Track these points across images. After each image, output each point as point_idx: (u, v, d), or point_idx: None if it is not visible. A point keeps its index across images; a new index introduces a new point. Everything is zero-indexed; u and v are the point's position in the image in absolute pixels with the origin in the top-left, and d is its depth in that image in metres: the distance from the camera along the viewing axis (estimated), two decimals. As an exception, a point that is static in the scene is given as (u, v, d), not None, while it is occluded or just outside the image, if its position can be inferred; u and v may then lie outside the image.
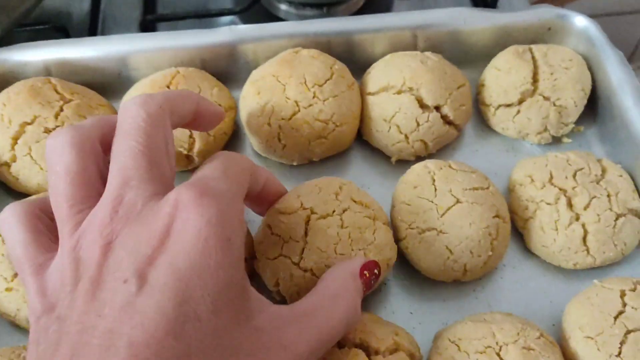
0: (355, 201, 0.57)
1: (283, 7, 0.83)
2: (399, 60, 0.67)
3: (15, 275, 0.53)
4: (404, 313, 0.58)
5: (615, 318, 0.51)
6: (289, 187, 0.62)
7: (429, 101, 0.63)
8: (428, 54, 0.68)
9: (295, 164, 0.66)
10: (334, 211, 0.56)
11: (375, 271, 0.49)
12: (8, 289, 0.53)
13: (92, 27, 0.86)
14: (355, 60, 0.71)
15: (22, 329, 0.55)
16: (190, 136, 0.63)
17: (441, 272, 0.57)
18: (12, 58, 0.67)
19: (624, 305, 0.52)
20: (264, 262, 0.57)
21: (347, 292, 0.45)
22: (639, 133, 0.63)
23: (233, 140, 0.69)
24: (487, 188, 0.58)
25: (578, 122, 0.68)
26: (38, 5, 0.76)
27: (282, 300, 0.57)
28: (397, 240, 0.59)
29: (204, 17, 0.87)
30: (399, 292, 0.60)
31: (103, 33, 0.86)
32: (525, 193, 0.61)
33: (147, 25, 0.84)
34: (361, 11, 0.86)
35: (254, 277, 0.58)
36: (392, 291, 0.60)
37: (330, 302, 0.44)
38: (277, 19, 0.84)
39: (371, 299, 0.59)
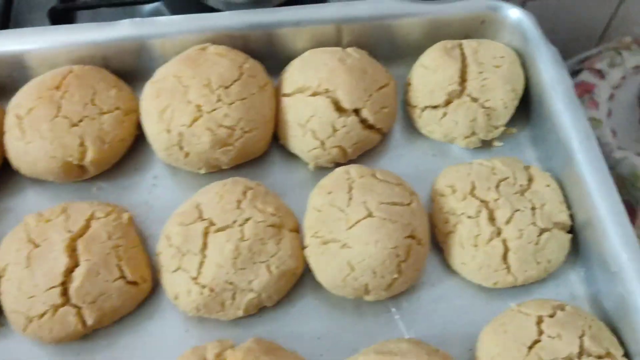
0: (258, 209, 0.53)
1: (212, -5, 0.77)
2: (317, 58, 0.61)
3: None
4: (312, 338, 0.54)
5: (530, 348, 0.47)
6: (197, 197, 0.57)
7: (347, 104, 0.58)
8: (350, 50, 0.63)
9: (203, 172, 0.60)
10: (234, 222, 0.52)
11: None
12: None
13: (5, 16, 0.79)
14: (276, 57, 0.66)
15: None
16: (81, 144, 0.57)
17: (341, 288, 0.53)
18: None
19: (540, 333, 0.48)
20: (164, 275, 0.53)
21: None
22: (569, 138, 0.58)
23: (137, 145, 0.63)
24: (409, 204, 0.53)
25: (510, 123, 0.64)
26: None
27: (184, 313, 0.53)
28: (303, 247, 0.54)
29: (124, 5, 0.80)
30: (308, 314, 0.55)
31: (17, 21, 0.79)
32: (446, 205, 0.56)
33: (58, 15, 0.77)
34: (294, 2, 0.80)
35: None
36: (299, 312, 0.55)
37: None
38: (205, 7, 0.78)
39: (277, 322, 0.54)
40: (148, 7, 0.81)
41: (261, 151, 0.62)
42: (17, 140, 0.57)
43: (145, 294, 0.54)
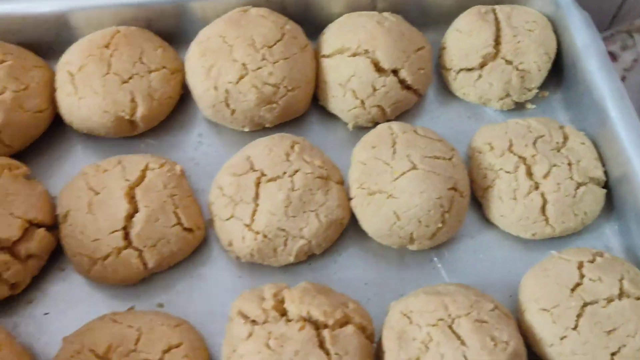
0: (306, 161, 0.55)
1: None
2: (355, 20, 0.64)
3: None
4: (359, 284, 0.56)
5: (572, 290, 0.50)
6: (241, 155, 0.59)
7: (386, 64, 0.60)
8: (386, 14, 0.65)
9: (247, 130, 0.62)
10: (284, 172, 0.54)
11: None
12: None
13: None
14: (311, 21, 0.68)
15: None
16: (132, 100, 0.59)
17: (387, 237, 0.55)
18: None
19: (582, 277, 0.50)
20: (217, 223, 0.55)
21: None
22: (603, 99, 0.60)
23: (182, 104, 0.65)
24: (450, 159, 0.56)
25: (542, 87, 0.66)
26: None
27: (239, 260, 0.55)
28: (349, 199, 0.57)
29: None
30: (354, 262, 0.58)
31: None
32: (484, 161, 0.59)
33: None
34: None
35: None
36: (346, 260, 0.58)
37: None
38: None
39: (324, 269, 0.57)
40: None
41: (302, 110, 0.64)
42: (70, 96, 0.59)
43: (199, 241, 0.56)
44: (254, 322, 0.48)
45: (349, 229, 0.58)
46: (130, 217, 0.53)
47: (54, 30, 0.65)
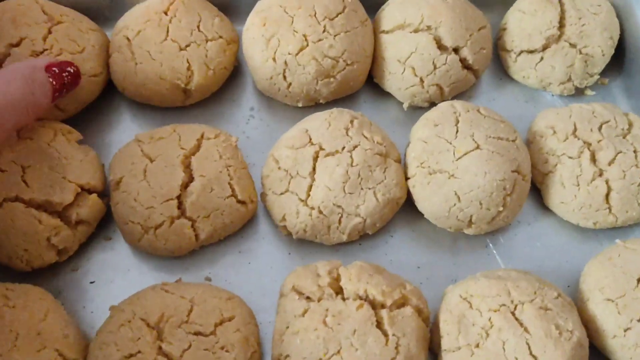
0: (366, 137, 0.54)
1: None
2: (418, -5, 0.62)
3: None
4: (411, 267, 0.55)
5: (639, 280, 0.48)
6: (293, 130, 0.58)
7: (448, 42, 0.59)
8: (448, -10, 0.63)
9: (300, 105, 0.61)
10: (343, 148, 0.53)
11: (69, 69, 0.53)
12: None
13: None
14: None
15: (3, 267, 0.52)
16: (188, 68, 0.58)
17: (445, 219, 0.54)
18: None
19: (648, 259, 0.49)
20: (271, 197, 0.54)
21: (22, 77, 0.48)
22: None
23: (233, 76, 0.64)
24: (514, 140, 0.54)
25: (602, 74, 0.64)
26: None
27: (289, 235, 0.54)
28: (406, 178, 0.55)
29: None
30: (406, 244, 0.56)
31: None
32: (546, 145, 0.57)
33: None
34: None
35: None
36: (399, 242, 0.56)
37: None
38: None
39: (377, 250, 0.56)
40: None
41: (357, 87, 0.62)
42: (127, 61, 0.58)
43: (251, 214, 0.55)
44: (308, 298, 0.47)
45: (401, 209, 0.56)
46: (185, 186, 0.52)
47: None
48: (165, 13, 0.59)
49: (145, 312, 0.46)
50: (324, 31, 0.58)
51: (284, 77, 0.58)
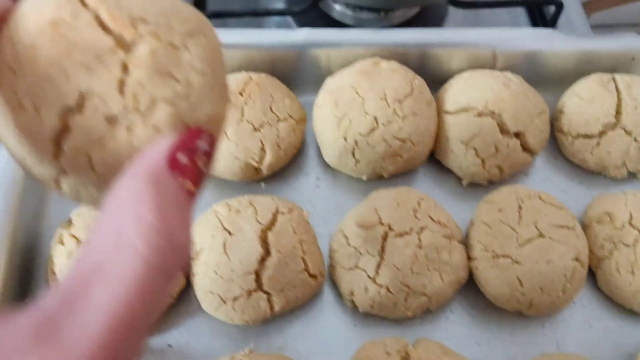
0: (433, 219, 0.57)
1: (338, 7, 0.81)
2: (481, 80, 0.65)
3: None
4: (471, 343, 0.57)
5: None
6: (357, 201, 0.62)
7: (511, 127, 0.62)
8: (509, 75, 0.66)
9: (364, 178, 0.64)
10: (411, 229, 0.56)
11: (200, 141, 0.27)
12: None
13: None
14: (429, 73, 0.69)
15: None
16: (262, 148, 0.61)
17: (506, 301, 0.56)
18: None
19: None
20: (339, 271, 0.57)
21: (123, 251, 0.23)
22: None
23: (300, 151, 0.68)
24: (573, 229, 0.57)
25: (657, 158, 0.67)
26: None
27: (355, 308, 0.57)
28: (469, 258, 0.58)
29: (262, 15, 0.84)
30: (466, 320, 0.59)
31: None
32: (602, 231, 0.60)
33: None
34: (416, 18, 0.84)
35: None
36: (458, 319, 0.59)
37: (90, 283, 0.22)
38: (332, 20, 0.82)
39: (438, 325, 0.58)
40: (273, 19, 0.86)
41: (420, 163, 0.65)
42: (204, 137, 0.61)
43: (320, 287, 0.58)
44: (379, 375, 0.50)
45: (462, 287, 0.59)
46: (262, 260, 0.55)
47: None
48: (241, 94, 0.63)
49: (226, 385, 0.49)
50: (393, 113, 0.61)
51: (353, 155, 0.62)
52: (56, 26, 0.26)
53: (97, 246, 0.23)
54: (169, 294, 0.24)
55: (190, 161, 0.26)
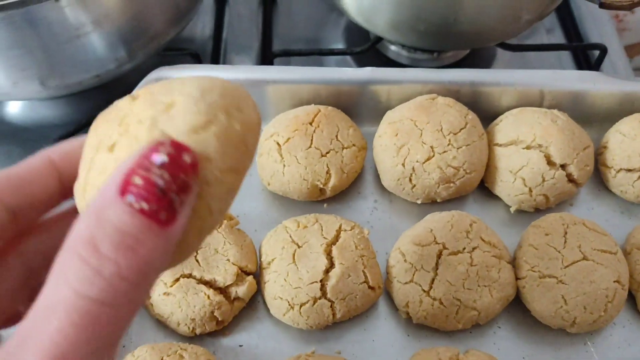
0: (484, 240, 0.62)
1: (394, 48, 0.89)
2: (530, 116, 0.71)
3: (175, 281, 0.59)
4: (517, 357, 0.62)
5: None
6: (411, 224, 0.67)
7: (557, 159, 0.67)
8: (556, 112, 0.72)
9: (419, 202, 0.70)
10: (464, 248, 0.61)
11: (159, 158, 0.24)
12: (166, 294, 0.60)
13: (215, 54, 0.93)
14: (480, 110, 0.75)
15: (171, 330, 0.62)
16: (327, 172, 0.68)
17: (550, 318, 0.61)
18: (173, 75, 0.74)
19: None
20: (395, 285, 0.62)
21: (58, 286, 0.23)
22: None
23: (359, 176, 0.74)
24: (615, 253, 0.61)
25: (695, 192, 0.71)
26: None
27: (408, 319, 0.63)
28: (517, 278, 0.63)
29: (326, 54, 0.92)
30: (512, 335, 0.63)
31: (225, 60, 0.93)
32: (642, 258, 0.64)
33: (268, 56, 0.90)
34: (467, 58, 0.90)
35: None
36: (505, 333, 0.64)
37: (38, 321, 0.23)
38: (387, 59, 0.90)
39: (486, 339, 0.63)
40: (334, 57, 0.93)
41: (471, 190, 0.71)
42: (276, 162, 0.68)
43: (378, 299, 0.64)
44: (432, 380, 0.55)
45: (509, 304, 0.64)
46: (327, 271, 0.61)
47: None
48: (310, 124, 0.70)
49: (296, 379, 0.55)
50: (448, 144, 0.67)
51: (410, 180, 0.68)
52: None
53: (43, 290, 0.24)
54: (121, 323, 0.24)
55: (145, 180, 0.24)
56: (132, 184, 0.23)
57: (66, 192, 0.31)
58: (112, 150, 0.27)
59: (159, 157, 0.24)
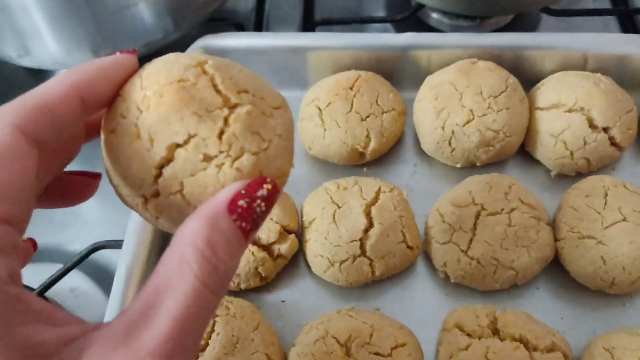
0: (522, 202, 0.63)
1: (435, 15, 0.88)
2: (572, 80, 0.70)
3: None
4: (555, 317, 0.62)
5: None
6: (450, 187, 0.68)
7: (599, 122, 0.67)
8: (600, 76, 0.71)
9: (459, 166, 0.71)
10: (502, 209, 0.62)
11: (262, 192, 0.33)
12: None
13: (258, 24, 0.95)
14: (522, 74, 0.75)
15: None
16: (367, 136, 0.69)
17: (589, 278, 0.61)
18: (218, 43, 0.77)
19: None
20: (434, 245, 0.63)
21: (196, 253, 0.31)
22: None
23: (399, 141, 0.75)
24: None
25: None
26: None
27: (446, 279, 0.64)
28: (556, 239, 0.63)
29: (367, 22, 0.93)
30: (551, 296, 0.64)
31: (267, 30, 0.95)
32: (684, 220, 0.63)
33: (309, 26, 0.92)
34: (510, 25, 0.90)
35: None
36: (543, 294, 0.64)
37: (161, 295, 0.30)
38: (429, 27, 0.90)
39: (524, 299, 0.64)
40: (375, 25, 0.94)
41: (511, 154, 0.71)
42: (317, 127, 0.70)
43: (416, 258, 0.65)
44: (469, 335, 0.57)
45: (548, 266, 0.64)
46: (366, 230, 0.62)
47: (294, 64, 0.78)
48: (351, 89, 0.71)
49: (337, 332, 0.56)
50: (488, 107, 0.68)
51: (450, 144, 0.69)
52: (182, 83, 0.36)
53: (167, 266, 0.31)
54: (216, 307, 0.32)
55: (248, 206, 0.32)
56: (238, 205, 0.32)
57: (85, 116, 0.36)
58: (209, 161, 0.35)
59: (262, 192, 0.33)
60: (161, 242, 0.65)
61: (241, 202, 0.32)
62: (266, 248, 0.63)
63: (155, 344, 0.28)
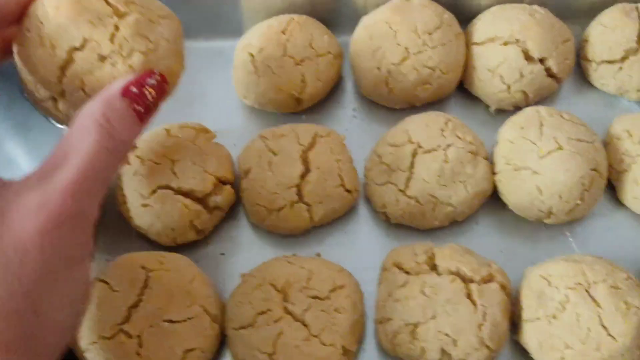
0: (459, 137, 0.62)
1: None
2: (508, 12, 0.69)
3: (153, 192, 0.60)
4: (495, 251, 0.62)
5: None
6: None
7: (535, 54, 0.66)
8: (536, 7, 0.70)
9: (398, 107, 0.70)
10: (439, 146, 0.61)
11: (151, 80, 0.44)
12: (144, 205, 0.60)
13: None
14: (459, 11, 0.73)
15: (152, 242, 0.63)
16: (302, 80, 0.68)
17: (527, 209, 0.61)
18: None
19: None
20: (372, 187, 0.63)
21: (95, 125, 0.40)
22: None
23: (336, 86, 0.74)
24: (592, 142, 0.61)
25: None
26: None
27: (387, 220, 0.63)
28: (493, 173, 0.63)
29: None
30: (491, 231, 0.64)
31: None
32: (622, 147, 0.63)
33: None
34: None
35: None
36: (483, 229, 0.64)
37: (68, 152, 0.39)
38: None
39: (464, 235, 0.64)
40: None
41: (450, 92, 0.70)
42: (250, 74, 0.68)
43: (355, 201, 0.64)
44: (408, 273, 0.56)
45: (487, 201, 0.64)
46: (303, 176, 0.61)
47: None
48: (283, 33, 0.69)
49: (274, 278, 0.56)
50: (423, 44, 0.66)
51: (387, 84, 0.67)
52: None
53: (70, 135, 0.40)
54: (115, 166, 0.42)
55: (140, 91, 0.42)
56: (130, 91, 0.42)
57: None
58: (103, 61, 0.45)
59: (151, 81, 0.44)
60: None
61: (133, 89, 0.42)
62: (201, 201, 0.61)
63: (63, 185, 0.37)
